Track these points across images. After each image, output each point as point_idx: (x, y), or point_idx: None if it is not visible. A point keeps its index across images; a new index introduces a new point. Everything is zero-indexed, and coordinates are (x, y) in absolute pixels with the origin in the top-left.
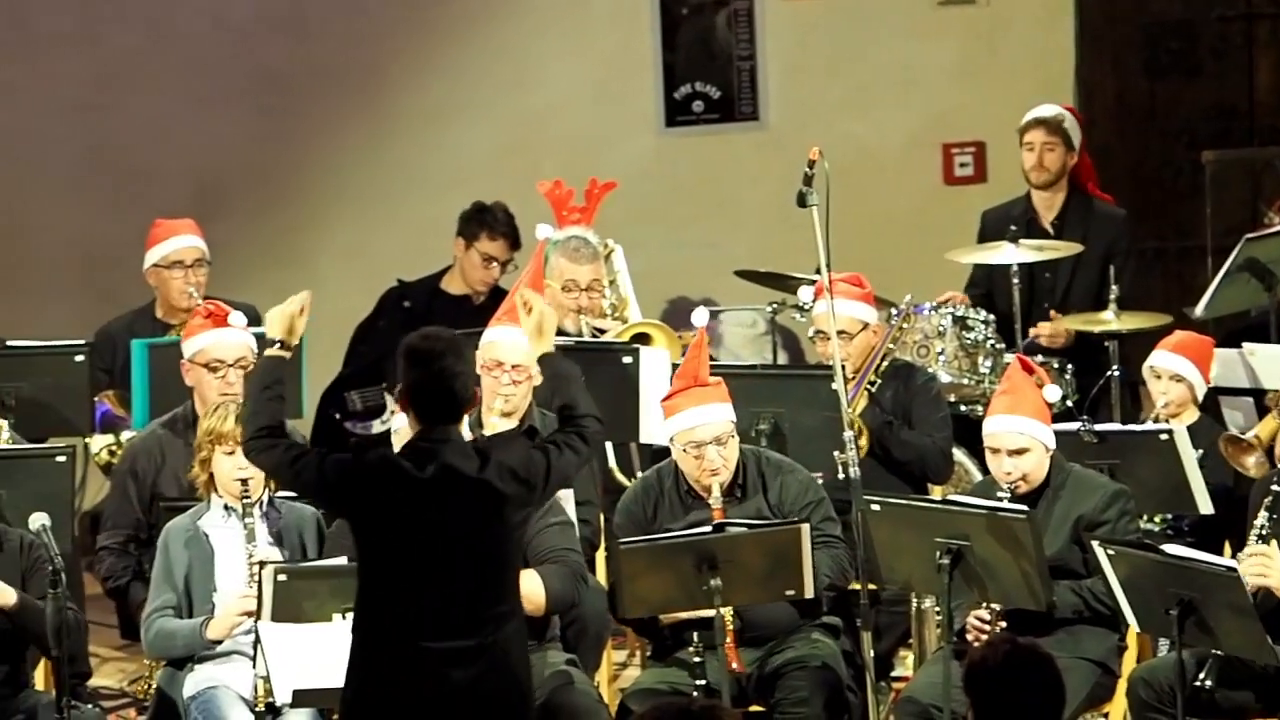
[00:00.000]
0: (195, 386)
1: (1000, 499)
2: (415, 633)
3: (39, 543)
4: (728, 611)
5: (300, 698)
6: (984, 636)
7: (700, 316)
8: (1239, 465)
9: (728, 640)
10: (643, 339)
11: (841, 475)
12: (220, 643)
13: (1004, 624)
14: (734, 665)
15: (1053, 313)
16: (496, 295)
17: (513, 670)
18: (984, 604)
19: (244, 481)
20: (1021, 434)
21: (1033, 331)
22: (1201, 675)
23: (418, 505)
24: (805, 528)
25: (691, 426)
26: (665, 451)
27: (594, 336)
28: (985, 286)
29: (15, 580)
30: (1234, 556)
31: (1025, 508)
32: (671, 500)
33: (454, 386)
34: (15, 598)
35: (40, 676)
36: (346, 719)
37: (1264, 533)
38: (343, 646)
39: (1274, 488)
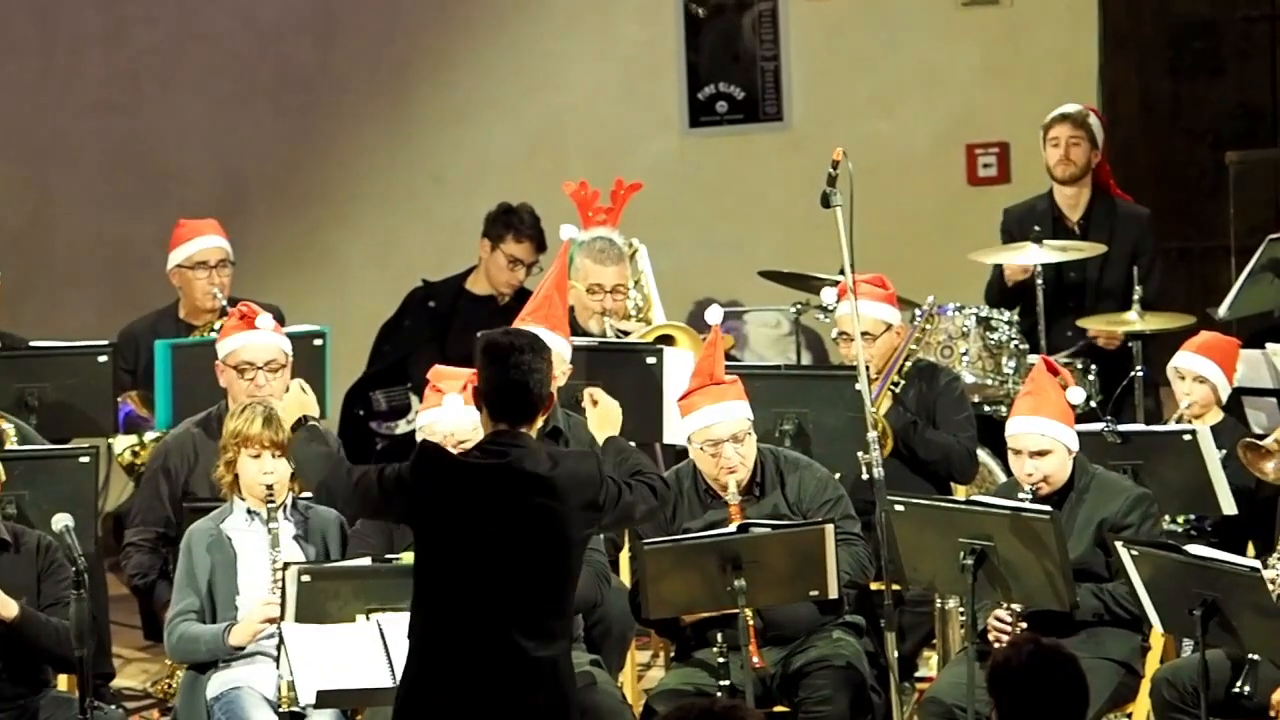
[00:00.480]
0: (228, 388)
1: (1022, 500)
2: (466, 641)
3: (56, 545)
4: (749, 609)
5: (324, 699)
6: (1005, 637)
7: (714, 314)
8: (1257, 471)
9: (750, 638)
10: (666, 341)
11: (865, 476)
12: (243, 649)
13: (1025, 625)
14: (756, 661)
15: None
16: (521, 296)
17: (561, 686)
18: (1005, 605)
19: (269, 486)
20: (1043, 435)
21: (1091, 330)
22: (1239, 682)
23: (479, 504)
24: (829, 528)
25: (708, 425)
26: (688, 453)
27: (618, 338)
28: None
29: (30, 582)
30: (1258, 557)
31: (1049, 508)
32: (690, 500)
33: (528, 383)
34: (16, 610)
35: (64, 677)
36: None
37: None
38: (366, 647)
39: None
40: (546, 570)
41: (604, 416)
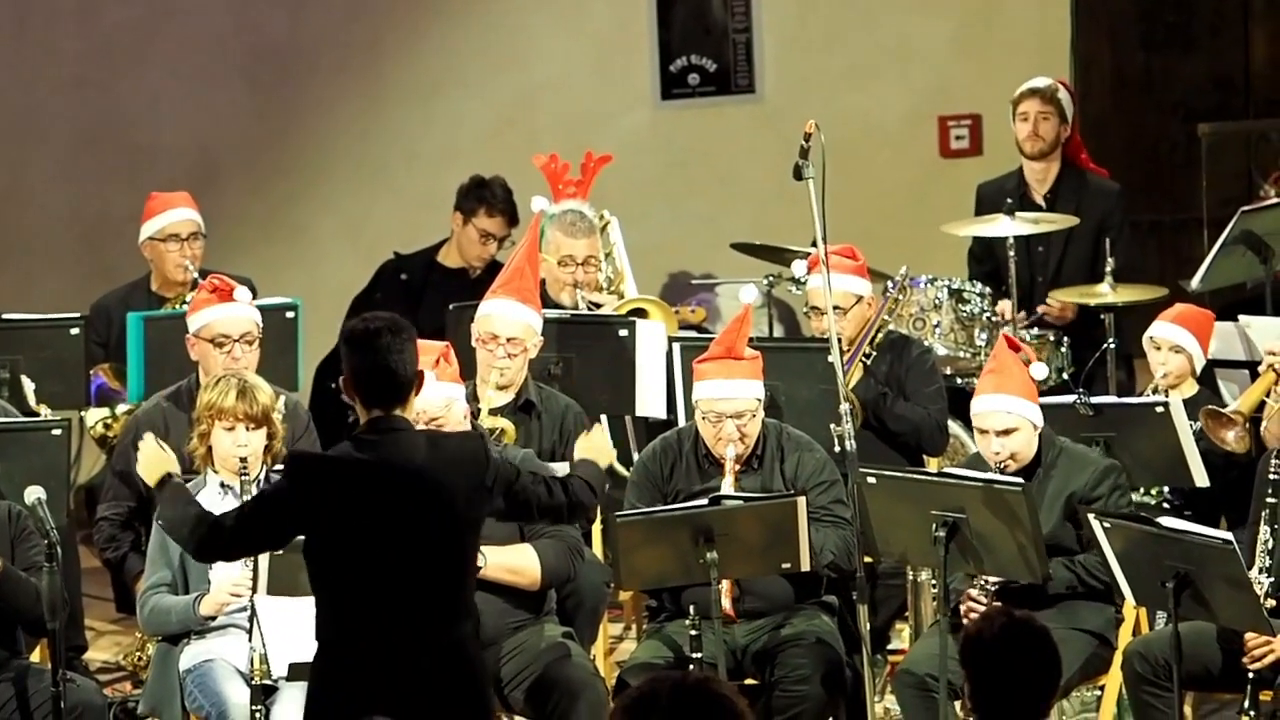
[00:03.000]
0: (200, 361)
1: None
2: (368, 631)
3: (26, 513)
4: None
5: (296, 671)
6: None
7: (748, 294)
8: (1218, 440)
9: (725, 586)
10: (638, 314)
11: (838, 448)
12: (214, 619)
13: (999, 605)
14: (727, 606)
15: (1050, 301)
16: (493, 269)
17: (470, 667)
18: (979, 585)
19: (243, 459)
20: (1009, 413)
21: (1041, 309)
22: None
23: (362, 497)
24: (801, 501)
25: (715, 397)
26: (661, 425)
27: (590, 310)
28: (991, 265)
29: (5, 549)
30: (1230, 529)
31: (1021, 480)
32: (689, 463)
33: (389, 363)
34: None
35: (37, 649)
36: (309, 711)
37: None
38: None
39: (1271, 476)
40: (439, 555)
41: (592, 448)
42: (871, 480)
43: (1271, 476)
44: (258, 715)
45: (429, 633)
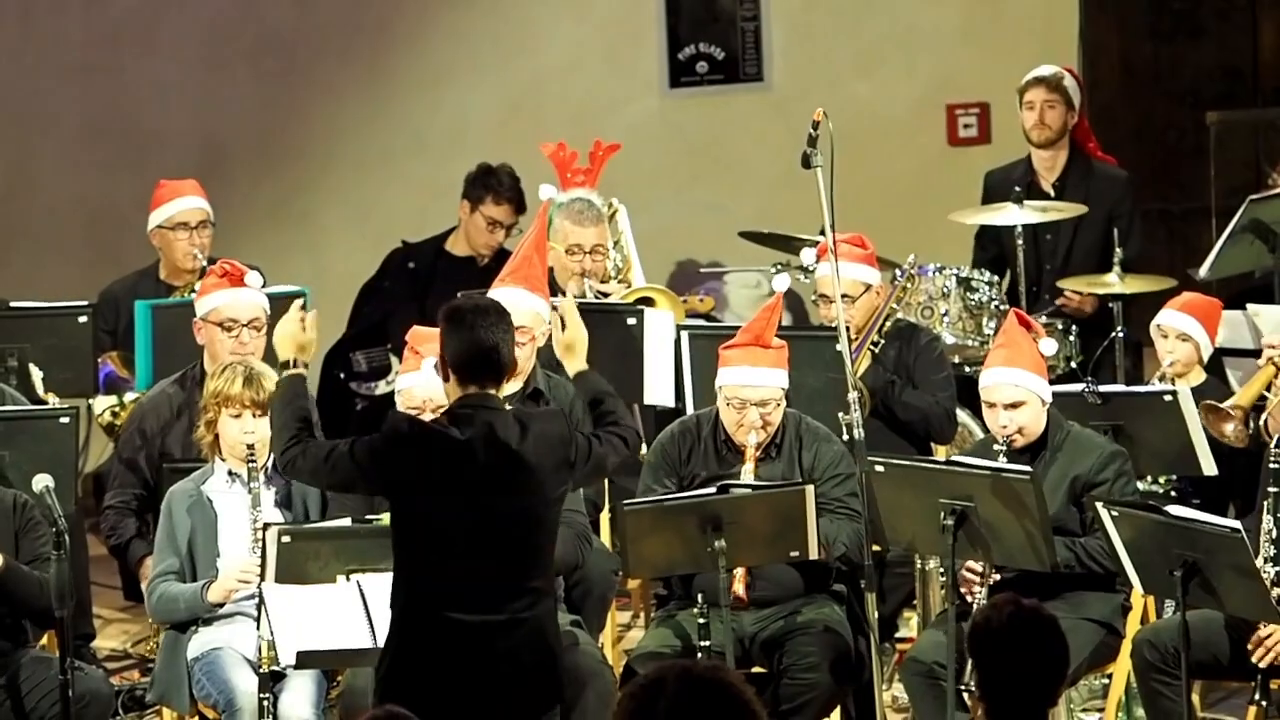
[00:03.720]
0: (207, 345)
1: (996, 453)
2: (451, 606)
3: (33, 503)
4: None
5: (304, 659)
6: (976, 587)
7: (781, 282)
8: (1217, 432)
9: (739, 571)
10: (646, 303)
11: (846, 436)
12: (222, 606)
13: (997, 576)
14: (738, 591)
15: (1069, 293)
16: (501, 257)
17: (548, 644)
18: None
19: (250, 446)
20: (1017, 386)
21: (1060, 301)
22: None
23: (456, 473)
24: (809, 489)
25: (740, 384)
26: (670, 414)
27: (597, 299)
28: (995, 250)
29: (9, 541)
30: (1238, 518)
31: (1029, 469)
32: (707, 448)
33: (495, 342)
34: (1, 561)
35: (45, 637)
36: (383, 692)
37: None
38: (346, 608)
39: (1273, 465)
40: (525, 533)
41: (568, 344)
42: (880, 469)
43: (1273, 466)
44: (265, 703)
45: (510, 608)
